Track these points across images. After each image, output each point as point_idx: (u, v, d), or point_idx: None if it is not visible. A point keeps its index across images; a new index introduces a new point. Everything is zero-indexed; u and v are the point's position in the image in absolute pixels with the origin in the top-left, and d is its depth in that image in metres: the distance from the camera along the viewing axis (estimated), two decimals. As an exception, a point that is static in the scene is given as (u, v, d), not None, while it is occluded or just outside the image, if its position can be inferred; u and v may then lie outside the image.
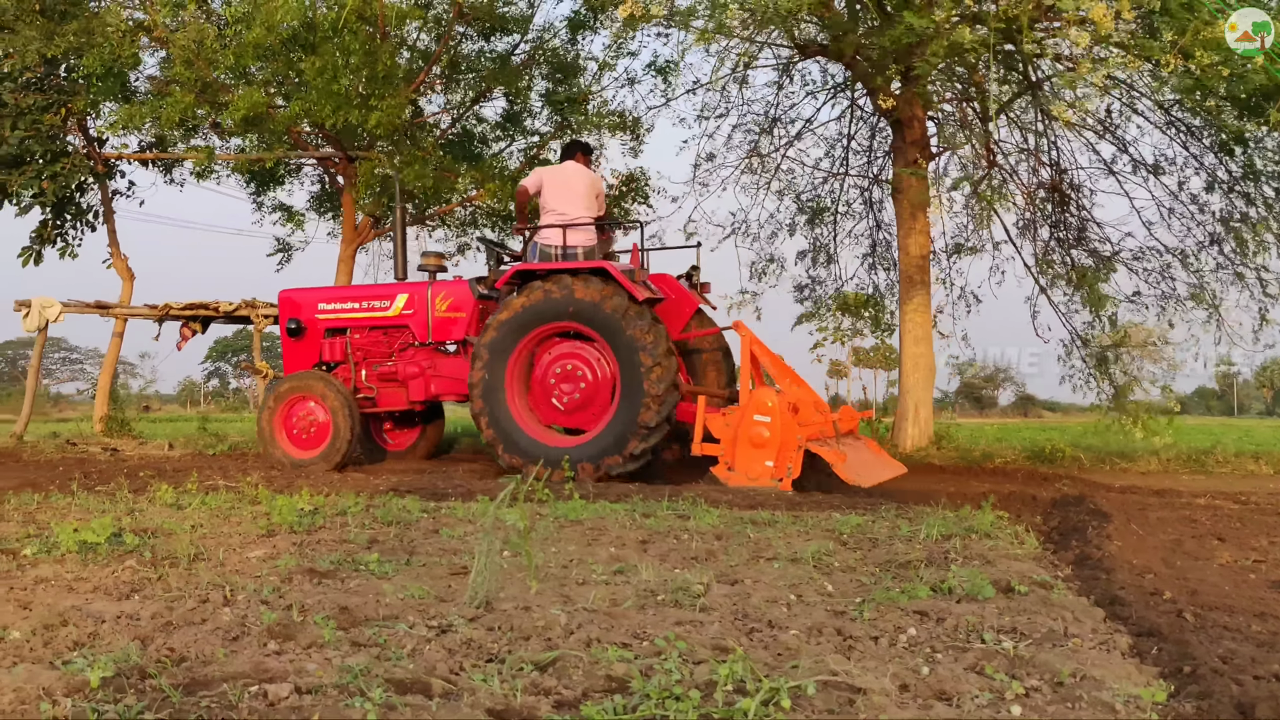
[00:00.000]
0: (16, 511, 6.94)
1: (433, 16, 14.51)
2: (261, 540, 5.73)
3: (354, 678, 3.00)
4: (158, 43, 14.35)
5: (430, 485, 9.34)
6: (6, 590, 4.20)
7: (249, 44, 12.28)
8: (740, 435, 9.63)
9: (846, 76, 15.23)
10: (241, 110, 12.39)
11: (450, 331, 11.24)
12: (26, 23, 13.69)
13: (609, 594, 4.30)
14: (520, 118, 16.52)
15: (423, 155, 13.96)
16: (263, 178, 17.50)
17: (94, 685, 2.88)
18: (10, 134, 14.40)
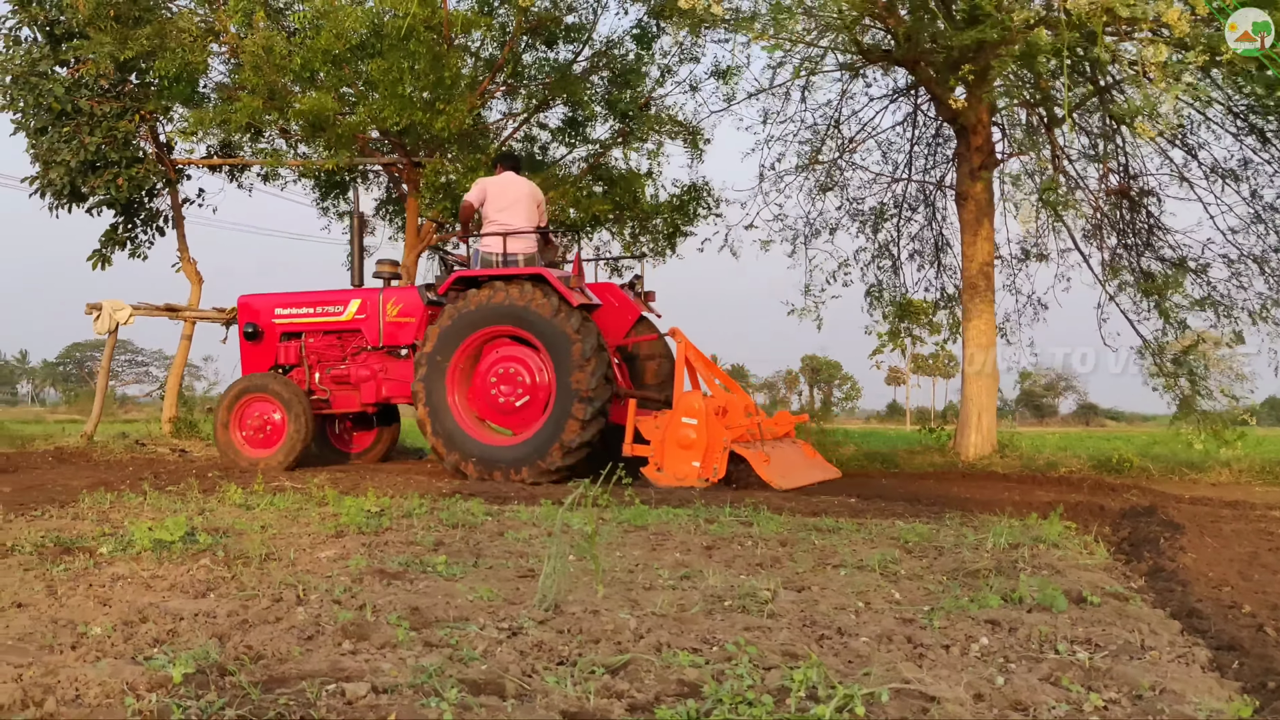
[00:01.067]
0: (91, 510, 7.09)
1: (497, 24, 14.60)
2: (331, 541, 5.80)
3: (429, 678, 3.04)
4: (227, 49, 14.59)
5: (493, 489, 9.41)
6: (86, 587, 4.29)
7: (317, 50, 12.45)
8: (669, 437, 10.10)
9: (909, 81, 15.13)
10: (308, 113, 12.56)
11: (401, 336, 11.58)
12: (101, 28, 13.97)
13: (676, 599, 4.30)
14: (581, 125, 16.57)
15: (486, 161, 14.06)
16: (329, 183, 17.71)
17: (176, 681, 2.93)
18: (88, 139, 14.71)
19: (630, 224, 16.38)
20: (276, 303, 12.14)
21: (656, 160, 16.15)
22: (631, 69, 15.65)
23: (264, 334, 12.05)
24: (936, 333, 17.01)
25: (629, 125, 16.10)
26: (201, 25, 14.04)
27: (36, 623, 3.62)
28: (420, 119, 12.79)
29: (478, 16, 13.29)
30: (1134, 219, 14.95)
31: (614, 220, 16.18)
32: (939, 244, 16.70)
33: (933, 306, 16.94)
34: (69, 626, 3.60)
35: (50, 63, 15.02)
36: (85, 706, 2.76)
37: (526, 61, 15.85)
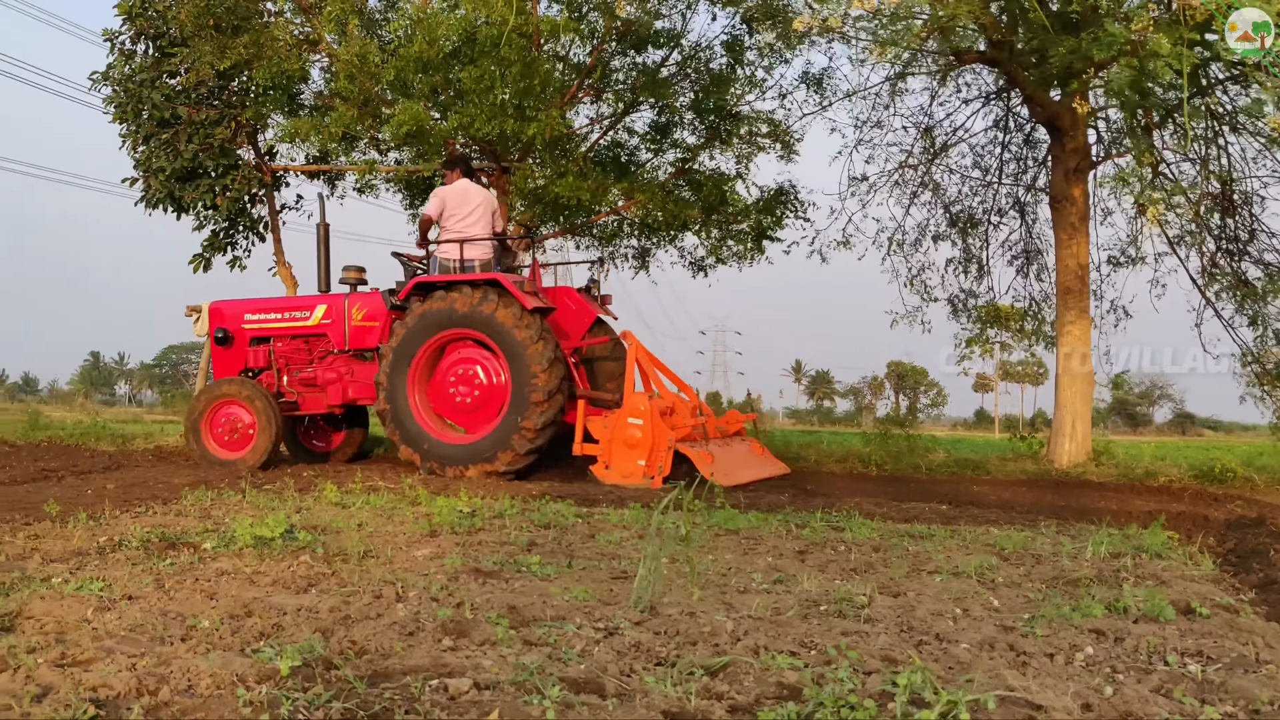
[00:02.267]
0: (193, 507, 7.26)
1: (586, 29, 14.67)
2: (426, 540, 5.87)
3: (530, 675, 3.06)
4: (323, 57, 14.86)
5: (582, 491, 9.45)
6: (193, 582, 4.39)
7: (410, 58, 12.62)
8: (616, 437, 10.47)
9: (1002, 83, 14.89)
10: (404, 124, 12.74)
11: (366, 339, 11.85)
12: (202, 37, 14.34)
13: (771, 602, 4.28)
14: (669, 129, 16.57)
15: (574, 167, 14.14)
16: (419, 190, 17.94)
17: (284, 673, 2.99)
18: (185, 147, 15.10)
19: (717, 228, 16.33)
20: (246, 309, 12.45)
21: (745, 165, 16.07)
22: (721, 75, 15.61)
23: (234, 339, 12.35)
24: (1026, 339, 16.73)
25: (717, 130, 16.07)
26: (298, 35, 14.32)
27: (147, 615, 3.71)
28: (511, 126, 12.89)
29: (568, 22, 13.35)
30: (1233, 223, 14.55)
31: (701, 224, 16.16)
32: (1030, 248, 16.41)
33: (1022, 313, 16.67)
34: (178, 619, 3.69)
35: (155, 72, 15.47)
36: (198, 696, 2.83)
37: (615, 66, 15.90)
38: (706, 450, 10.66)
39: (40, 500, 7.46)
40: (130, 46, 15.79)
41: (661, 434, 10.37)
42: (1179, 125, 13.36)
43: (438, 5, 13.19)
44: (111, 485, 9.04)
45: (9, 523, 6.12)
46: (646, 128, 16.91)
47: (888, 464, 14.18)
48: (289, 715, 2.70)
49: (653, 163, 16.93)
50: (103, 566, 4.72)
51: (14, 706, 2.68)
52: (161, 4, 15.31)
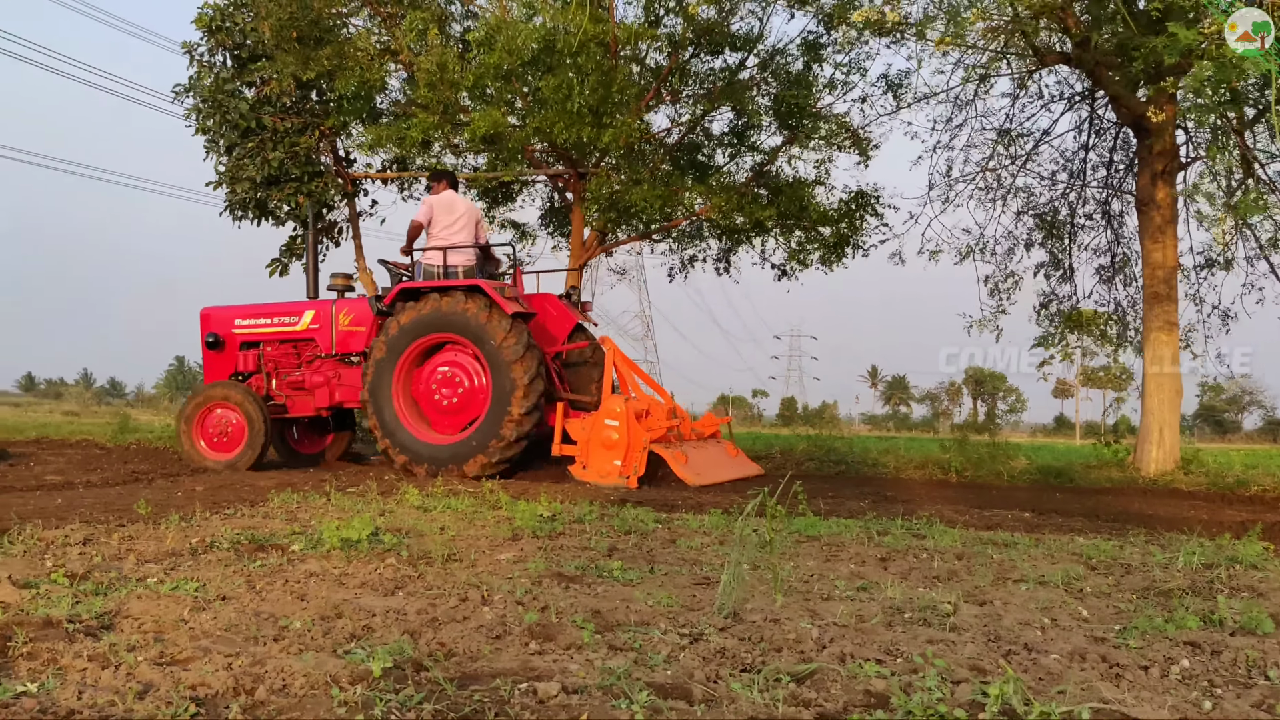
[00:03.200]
0: (280, 509, 7.39)
1: (664, 35, 14.69)
2: (508, 544, 5.92)
3: (616, 680, 3.07)
4: (403, 66, 15.07)
5: (660, 497, 9.47)
6: (283, 583, 4.47)
7: (489, 66, 12.76)
8: (593, 438, 10.86)
9: (1087, 85, 14.63)
10: (482, 129, 12.87)
11: (352, 344, 12.21)
12: (285, 50, 14.63)
13: (855, 610, 4.25)
14: (747, 132, 16.53)
15: (650, 172, 14.17)
16: (495, 195, 18.13)
17: (376, 675, 3.03)
18: (271, 155, 15.42)
19: (796, 232, 16.25)
20: (236, 314, 12.79)
21: (824, 168, 15.97)
22: (799, 78, 15.54)
23: (225, 343, 12.69)
24: (1109, 344, 16.42)
25: (796, 132, 16.00)
26: (378, 45, 14.54)
27: (240, 615, 3.79)
28: (588, 133, 12.97)
29: (645, 29, 13.39)
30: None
31: (779, 228, 16.10)
32: (1115, 252, 16.10)
33: (1106, 317, 16.36)
34: (270, 620, 3.76)
35: (236, 84, 15.82)
36: (293, 696, 2.88)
37: (692, 69, 15.90)
38: (680, 451, 11.08)
39: (132, 502, 7.66)
40: (209, 58, 16.15)
41: (637, 435, 10.74)
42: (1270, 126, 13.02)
43: (517, 14, 13.29)
44: (200, 487, 9.24)
45: (104, 524, 6.28)
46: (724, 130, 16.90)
47: (967, 471, 14.01)
48: (382, 716, 2.73)
49: (730, 166, 16.90)
50: (195, 567, 4.83)
51: (117, 703, 2.75)
52: (241, 17, 15.65)
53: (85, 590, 4.17)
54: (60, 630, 3.46)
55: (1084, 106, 15.52)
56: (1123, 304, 16.05)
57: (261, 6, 14.35)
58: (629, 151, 14.29)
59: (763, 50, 15.72)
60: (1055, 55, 13.00)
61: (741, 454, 12.76)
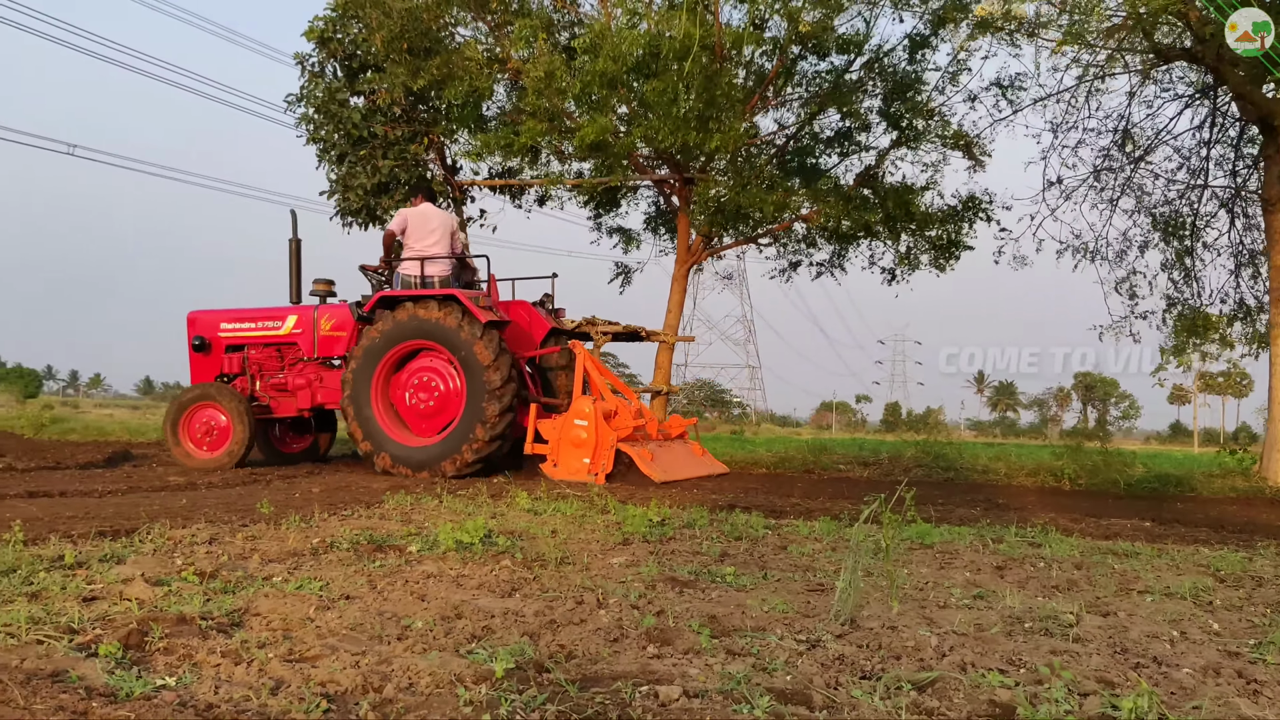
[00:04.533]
0: (395, 511, 7.54)
1: (769, 39, 14.61)
2: (620, 548, 5.95)
3: (736, 685, 3.07)
4: (511, 74, 15.25)
5: (768, 503, 9.43)
6: (403, 583, 4.56)
7: (595, 73, 12.85)
8: (564, 437, 11.44)
9: (1208, 81, 14.19)
10: (590, 136, 12.98)
11: (334, 348, 12.69)
12: (396, 60, 14.93)
13: (973, 618, 4.18)
14: (853, 135, 16.37)
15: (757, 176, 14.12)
16: (601, 201, 18.24)
17: (499, 675, 3.07)
18: (382, 163, 15.74)
19: (905, 235, 16.04)
20: (222, 318, 13.15)
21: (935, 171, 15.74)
22: (907, 79, 15.34)
23: (211, 346, 13.07)
24: (1230, 348, 15.90)
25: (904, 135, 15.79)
26: (486, 54, 14.74)
27: (364, 614, 3.87)
28: (694, 137, 12.98)
29: (750, 34, 13.35)
30: None
31: (888, 231, 15.91)
32: (1239, 254, 15.56)
33: (1228, 320, 15.84)
34: (393, 619, 3.83)
35: (347, 93, 16.18)
36: (419, 694, 2.93)
37: (798, 73, 15.80)
38: (646, 449, 11.67)
39: (252, 502, 7.89)
40: (319, 68, 16.52)
41: (605, 434, 11.33)
42: None
43: (622, 21, 13.36)
44: (316, 489, 9.46)
45: (228, 523, 6.46)
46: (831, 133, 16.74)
47: (1081, 478, 13.69)
48: (508, 716, 2.77)
49: (837, 170, 16.75)
50: (317, 567, 4.94)
51: (252, 698, 2.83)
52: (351, 29, 15.99)
53: (214, 588, 4.30)
54: (193, 627, 3.57)
55: (1204, 103, 15.04)
56: (1250, 306, 15.49)
57: (372, 19, 14.65)
58: (735, 156, 14.25)
59: (869, 51, 15.54)
60: (1177, 52, 12.62)
61: (707, 453, 13.55)
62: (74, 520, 6.35)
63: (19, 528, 5.37)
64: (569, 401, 12.07)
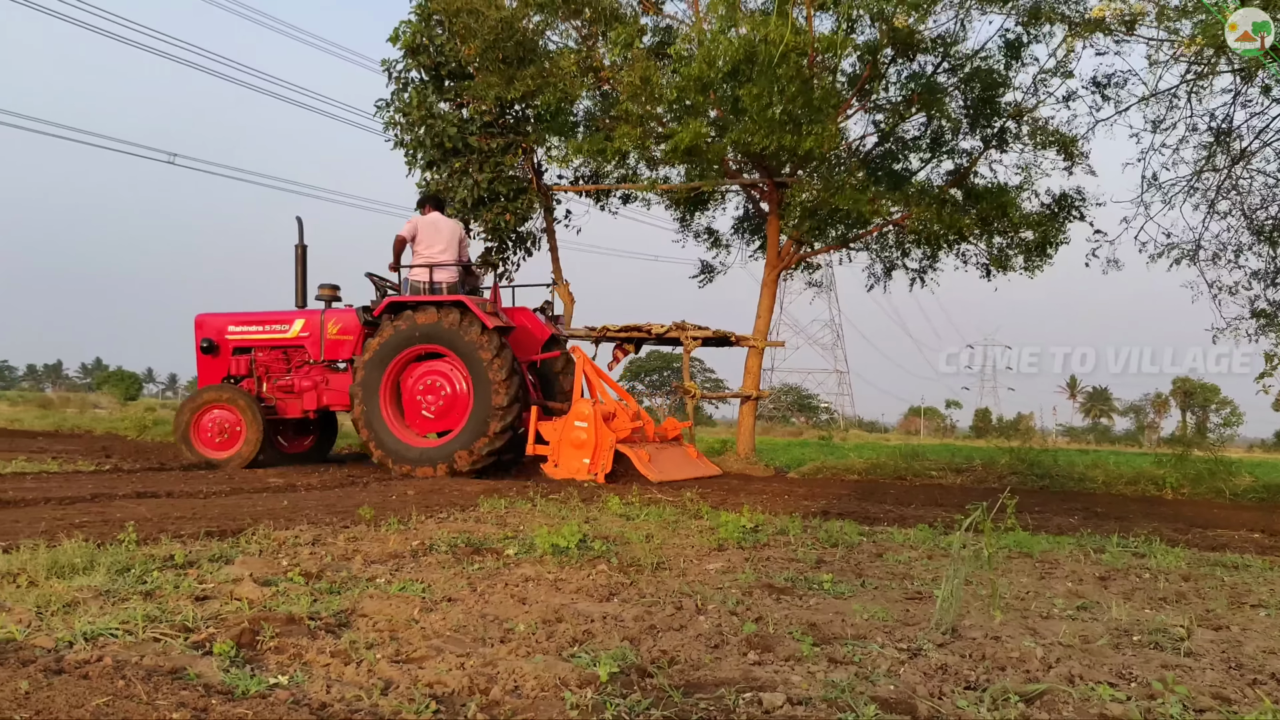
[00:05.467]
0: (490, 514, 7.62)
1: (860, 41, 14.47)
2: (715, 554, 5.95)
3: (840, 693, 3.05)
4: (604, 81, 15.32)
5: (861, 510, 9.36)
6: (502, 586, 4.61)
7: (691, 78, 12.85)
8: (564, 438, 11.84)
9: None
10: (686, 141, 12.99)
11: (340, 351, 13.07)
12: (490, 70, 15.08)
13: (1078, 630, 4.11)
14: (943, 137, 16.13)
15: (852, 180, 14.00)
16: (689, 204, 18.22)
17: (603, 679, 3.10)
18: (480, 177, 15.91)
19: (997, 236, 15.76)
20: (230, 321, 13.47)
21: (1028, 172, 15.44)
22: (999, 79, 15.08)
23: (219, 348, 13.39)
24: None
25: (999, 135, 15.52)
26: (579, 61, 14.82)
27: (467, 617, 3.92)
28: (788, 140, 12.93)
29: (842, 36, 13.24)
30: None
31: (981, 234, 15.65)
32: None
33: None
34: (495, 622, 3.88)
35: (437, 101, 16.35)
36: (525, 697, 2.96)
37: (889, 76, 15.63)
38: (644, 450, 12.08)
39: (350, 504, 8.04)
40: (406, 76, 16.72)
41: (604, 436, 11.74)
42: None
43: (716, 26, 13.35)
44: (411, 491, 9.60)
45: (329, 525, 6.59)
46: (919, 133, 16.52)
47: (1184, 487, 13.37)
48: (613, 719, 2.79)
49: (926, 172, 16.52)
50: (418, 569, 5.02)
51: (363, 698, 2.89)
52: (441, 37, 16.14)
53: (320, 589, 4.39)
54: (302, 626, 3.65)
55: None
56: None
57: (464, 27, 14.80)
58: (826, 159, 14.14)
59: (960, 53, 15.30)
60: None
61: (701, 456, 13.94)
62: (182, 520, 6.52)
63: (131, 528, 5.54)
64: (569, 405, 12.47)
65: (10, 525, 5.95)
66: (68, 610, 3.79)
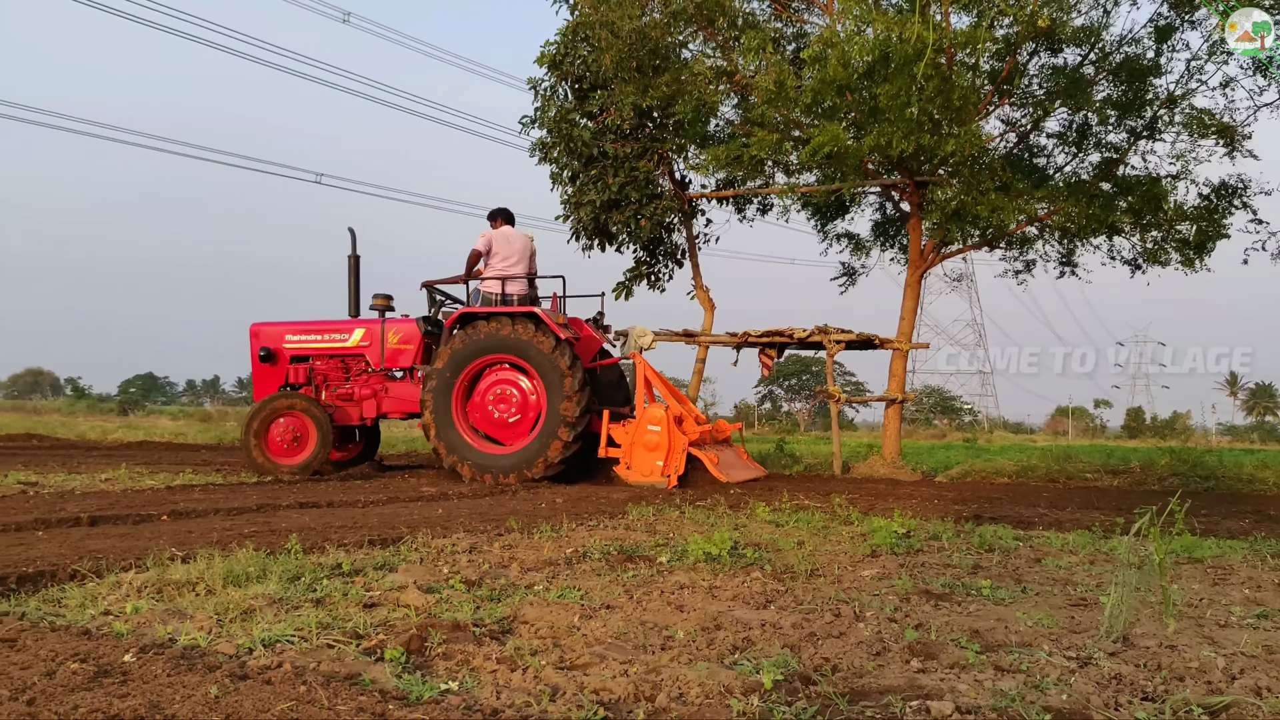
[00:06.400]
0: (639, 521, 7.68)
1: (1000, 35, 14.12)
2: (868, 560, 5.89)
3: (1010, 702, 2.99)
4: (738, 87, 15.31)
5: (1014, 514, 9.14)
6: (658, 594, 4.64)
7: (826, 80, 12.74)
8: (636, 441, 12.10)
9: None
10: (825, 146, 12.88)
11: (399, 360, 13.36)
12: (625, 79, 15.23)
13: (1260, 639, 3.94)
14: (1090, 130, 15.64)
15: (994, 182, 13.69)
16: (827, 209, 18.07)
17: (767, 686, 3.09)
18: (612, 181, 16.09)
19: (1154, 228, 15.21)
20: (287, 330, 13.64)
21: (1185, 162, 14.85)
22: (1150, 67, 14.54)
23: (277, 357, 13.57)
24: None
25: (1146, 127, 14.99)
26: (714, 68, 14.85)
27: (627, 624, 3.96)
28: (928, 140, 12.71)
29: (981, 31, 12.94)
30: None
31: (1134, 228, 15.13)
32: None
33: None
34: (655, 629, 3.91)
35: (578, 114, 16.60)
36: (690, 704, 2.98)
37: (1030, 71, 15.24)
38: (712, 453, 12.47)
39: (502, 512, 8.19)
40: (552, 92, 17.02)
41: (678, 439, 12.06)
42: None
43: (850, 27, 13.20)
44: (560, 499, 9.73)
45: (484, 533, 6.72)
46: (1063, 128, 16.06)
47: (1366, 489, 12.68)
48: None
49: (1073, 167, 16.04)
50: (573, 576, 5.09)
51: (532, 704, 2.94)
52: (582, 50, 16.38)
53: (481, 596, 4.48)
54: (468, 633, 3.73)
55: None
56: None
57: (602, 39, 14.97)
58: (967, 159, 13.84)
59: (1107, 42, 14.81)
60: None
61: (750, 458, 14.14)
62: (343, 530, 6.73)
63: (296, 538, 5.74)
64: (631, 407, 12.87)
65: (185, 536, 6.23)
66: (244, 617, 3.95)
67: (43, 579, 4.65)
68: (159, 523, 7.06)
